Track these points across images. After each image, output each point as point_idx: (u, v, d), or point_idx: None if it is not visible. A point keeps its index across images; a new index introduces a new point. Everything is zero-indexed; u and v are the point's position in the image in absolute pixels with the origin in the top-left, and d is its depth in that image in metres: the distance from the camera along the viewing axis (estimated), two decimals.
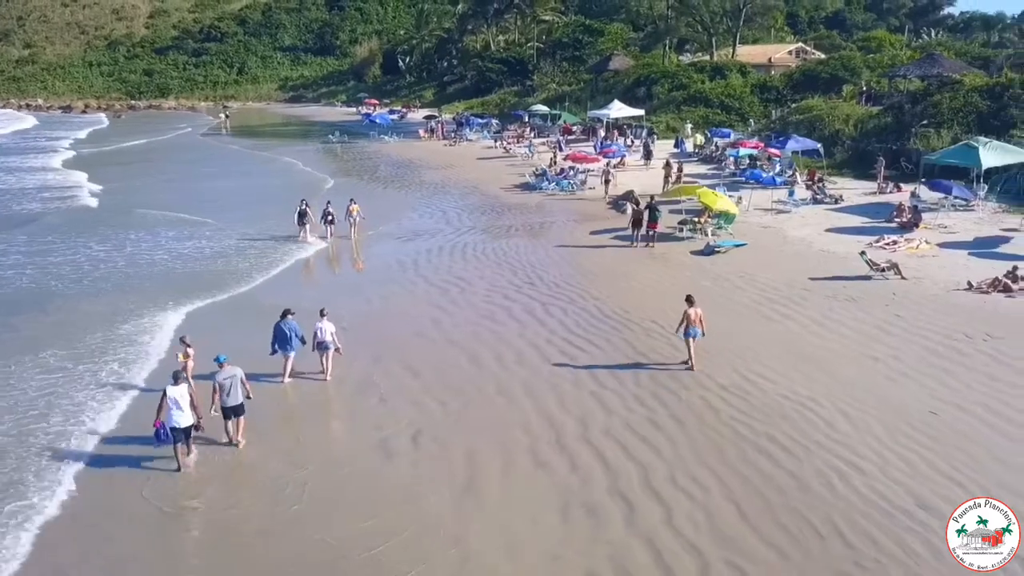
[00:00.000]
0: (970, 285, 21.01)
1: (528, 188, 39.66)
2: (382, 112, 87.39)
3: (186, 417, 12.41)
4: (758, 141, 43.46)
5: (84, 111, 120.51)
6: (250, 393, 13.50)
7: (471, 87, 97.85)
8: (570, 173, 40.26)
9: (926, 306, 19.74)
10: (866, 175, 35.77)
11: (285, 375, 15.87)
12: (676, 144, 49.16)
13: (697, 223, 28.32)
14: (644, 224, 26.95)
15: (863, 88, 51.99)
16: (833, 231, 28.10)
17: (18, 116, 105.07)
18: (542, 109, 68.80)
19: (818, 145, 38.33)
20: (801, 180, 35.17)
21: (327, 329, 15.86)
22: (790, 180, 35.05)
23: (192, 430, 12.64)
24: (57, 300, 22.14)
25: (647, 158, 44.30)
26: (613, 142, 49.87)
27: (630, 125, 56.06)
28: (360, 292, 22.77)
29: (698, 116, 55.40)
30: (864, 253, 23.23)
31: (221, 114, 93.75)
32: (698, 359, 16.18)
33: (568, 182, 39.13)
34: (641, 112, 56.27)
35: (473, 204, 36.76)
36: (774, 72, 65.32)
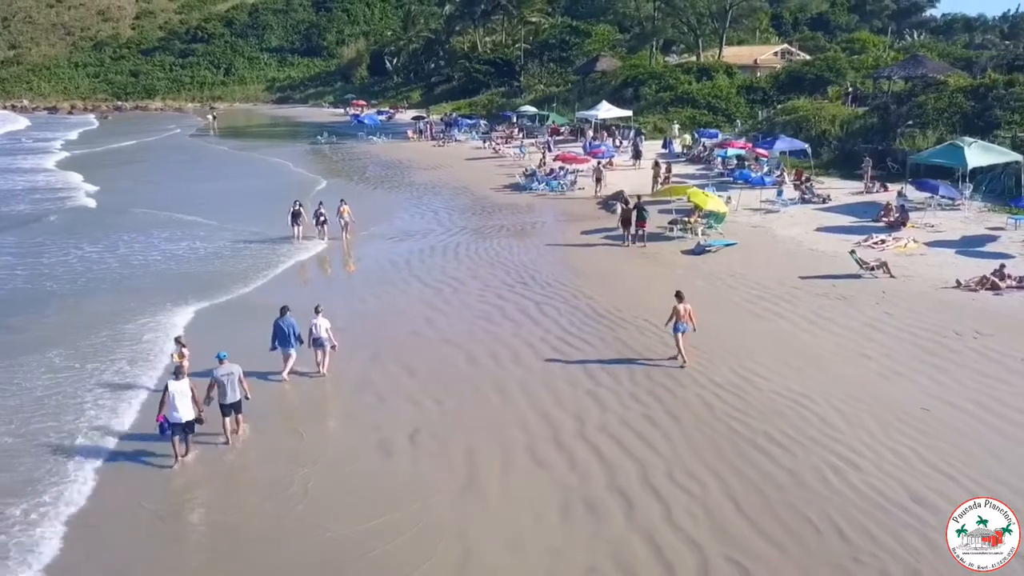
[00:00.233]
0: (958, 283, 21.27)
1: (518, 188, 39.75)
2: (370, 113, 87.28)
3: (187, 412, 12.68)
4: (746, 142, 43.74)
5: (70, 112, 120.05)
6: (248, 393, 13.59)
7: (458, 88, 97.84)
8: (560, 173, 40.42)
9: (915, 304, 19.98)
10: (853, 175, 36.07)
11: (285, 371, 16.02)
12: (664, 145, 49.39)
13: (688, 223, 28.51)
14: (633, 223, 27.18)
15: (848, 89, 52.37)
16: (822, 230, 28.36)
17: (10, 117, 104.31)
18: (530, 110, 68.89)
19: (806, 145, 38.63)
20: (789, 180, 35.46)
21: (322, 325, 16.07)
22: (779, 180, 35.33)
23: (195, 424, 12.89)
24: (68, 299, 22.25)
25: (636, 158, 44.51)
26: (602, 143, 50.04)
27: (618, 126, 56.27)
28: (354, 292, 22.83)
29: (685, 117, 55.66)
30: (854, 252, 23.46)
31: (209, 115, 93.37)
32: (691, 356, 16.36)
33: (558, 182, 39.28)
34: (629, 113, 56.47)
35: (464, 204, 36.83)
36: (760, 73, 65.68)
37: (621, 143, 51.15)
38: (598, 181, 36.79)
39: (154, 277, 24.67)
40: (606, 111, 55.34)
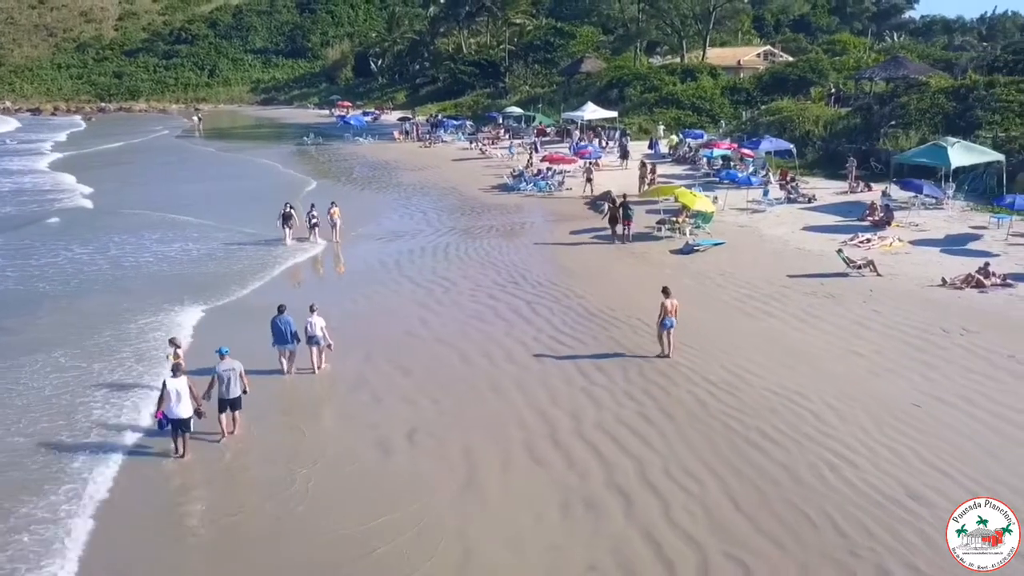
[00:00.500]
0: (944, 281, 21.56)
1: (506, 189, 39.83)
2: (356, 114, 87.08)
3: (185, 408, 12.85)
4: (731, 142, 44.04)
5: (53, 113, 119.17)
6: (247, 387, 13.76)
7: (443, 89, 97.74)
8: (547, 174, 40.55)
9: (903, 302, 20.22)
10: (837, 175, 36.40)
11: (285, 368, 16.21)
12: (650, 145, 49.64)
13: (675, 223, 28.69)
14: (620, 221, 27.41)
15: (831, 90, 52.84)
16: (808, 230, 28.63)
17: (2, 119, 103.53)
18: (516, 111, 69.00)
19: (791, 146, 38.94)
20: (775, 180, 35.75)
21: (317, 324, 16.20)
22: (765, 180, 35.61)
23: (194, 417, 13.06)
24: (61, 301, 22.25)
25: (624, 158, 44.72)
26: (589, 143, 50.23)
27: (604, 127, 56.49)
28: (346, 292, 22.81)
29: (670, 118, 55.97)
30: (841, 251, 23.71)
31: (194, 116, 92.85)
32: (679, 352, 16.62)
33: (545, 183, 39.42)
34: (615, 114, 56.71)
35: (452, 205, 36.86)
36: (743, 74, 66.20)
37: (607, 144, 51.37)
38: (589, 181, 36.97)
39: (146, 279, 24.59)
40: (592, 112, 55.58)
